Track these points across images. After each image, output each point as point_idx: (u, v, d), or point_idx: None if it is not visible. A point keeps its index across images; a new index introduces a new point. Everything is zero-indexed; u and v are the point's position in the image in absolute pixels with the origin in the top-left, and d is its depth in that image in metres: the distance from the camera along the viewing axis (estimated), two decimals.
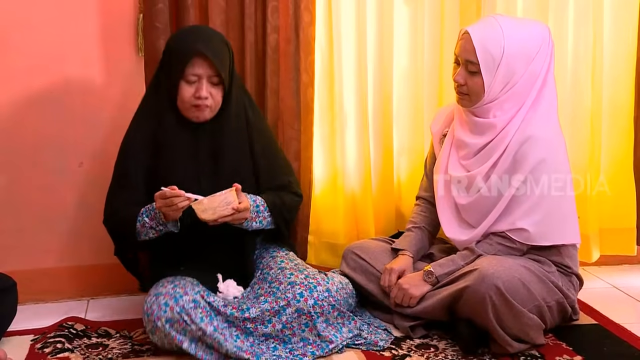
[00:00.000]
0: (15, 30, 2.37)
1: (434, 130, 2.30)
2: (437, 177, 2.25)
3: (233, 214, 1.97)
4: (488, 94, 2.08)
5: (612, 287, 2.59)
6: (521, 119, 2.09)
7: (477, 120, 2.14)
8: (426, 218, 2.32)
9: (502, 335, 1.99)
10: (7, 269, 2.27)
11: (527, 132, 2.07)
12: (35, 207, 2.46)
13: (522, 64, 2.06)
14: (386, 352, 2.07)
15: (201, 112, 2.06)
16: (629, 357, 2.04)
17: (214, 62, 2.01)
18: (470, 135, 2.16)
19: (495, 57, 2.04)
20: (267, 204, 2.10)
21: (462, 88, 2.12)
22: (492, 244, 2.13)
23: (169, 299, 1.95)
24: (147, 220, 2.03)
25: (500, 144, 2.10)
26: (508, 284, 1.96)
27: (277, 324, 2.01)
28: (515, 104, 2.10)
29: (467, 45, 2.07)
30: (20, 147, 2.42)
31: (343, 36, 2.53)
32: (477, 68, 2.06)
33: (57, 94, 2.42)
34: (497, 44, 2.04)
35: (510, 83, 2.08)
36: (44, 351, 2.09)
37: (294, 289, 2.02)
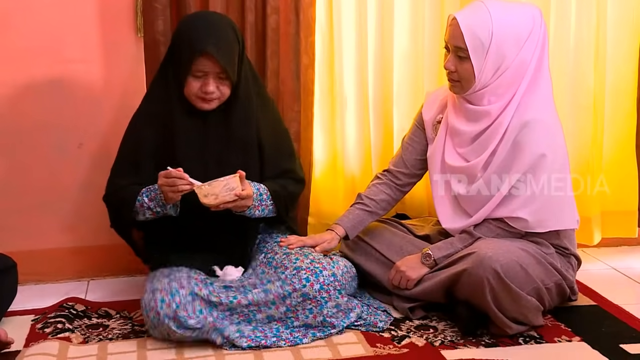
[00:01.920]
0: (15, 13, 2.35)
1: (427, 117, 2.26)
2: (432, 166, 2.22)
3: (235, 201, 1.97)
4: (479, 80, 2.05)
5: (611, 269, 2.59)
6: (516, 104, 2.06)
7: (471, 108, 2.11)
8: (381, 200, 2.27)
9: (500, 317, 1.99)
10: (8, 249, 2.26)
11: (525, 117, 2.04)
12: (35, 188, 2.45)
13: (512, 48, 2.03)
14: (385, 333, 2.07)
15: (208, 103, 2.05)
16: (628, 337, 2.04)
17: (220, 61, 1.99)
18: (465, 122, 2.13)
19: (484, 41, 2.01)
20: (270, 192, 2.09)
21: (452, 75, 2.08)
22: (491, 227, 2.12)
23: (165, 295, 1.95)
24: (146, 200, 2.03)
25: (497, 131, 2.07)
26: (506, 267, 1.96)
27: (280, 307, 2.00)
28: (510, 90, 2.06)
29: (455, 31, 2.04)
30: (20, 128, 2.42)
31: (343, 17, 2.51)
32: (467, 54, 2.03)
33: (56, 76, 2.40)
34: (485, 28, 2.01)
35: (502, 68, 2.04)
36: (44, 331, 2.10)
37: (300, 274, 2.01)
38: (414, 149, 2.29)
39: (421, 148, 2.28)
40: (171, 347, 1.99)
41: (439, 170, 2.20)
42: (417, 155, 2.28)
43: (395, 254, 2.23)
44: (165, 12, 2.33)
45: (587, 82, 2.63)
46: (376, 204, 2.27)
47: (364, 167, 2.61)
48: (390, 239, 2.28)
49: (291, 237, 2.20)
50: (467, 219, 2.15)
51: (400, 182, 2.30)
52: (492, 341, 2.02)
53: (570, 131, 2.56)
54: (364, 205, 2.27)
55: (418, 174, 2.31)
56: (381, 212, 2.30)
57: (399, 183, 2.30)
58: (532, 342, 2.02)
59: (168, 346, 1.99)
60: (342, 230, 2.23)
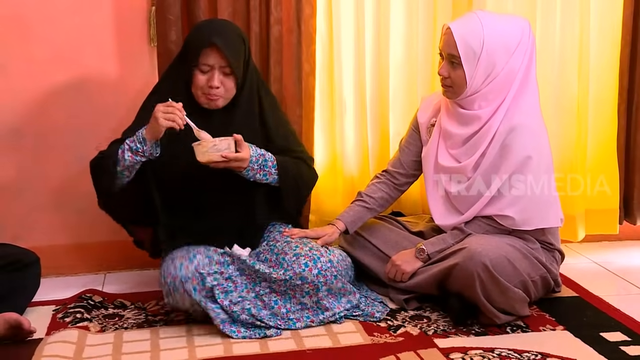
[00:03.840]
0: (35, 24, 2.38)
1: (422, 120, 2.29)
2: (426, 167, 2.25)
3: (225, 161, 1.98)
4: (470, 86, 2.09)
5: (592, 263, 2.62)
6: (505, 110, 2.09)
7: (462, 112, 2.14)
8: (379, 197, 2.30)
9: (489, 308, 2.02)
10: (31, 244, 2.29)
11: (512, 122, 2.08)
12: (56, 188, 2.48)
13: (502, 57, 2.06)
14: (382, 322, 2.10)
15: (213, 101, 2.07)
16: (607, 326, 2.06)
17: (225, 53, 2.02)
18: (456, 126, 2.16)
19: (475, 50, 2.05)
20: (276, 161, 2.10)
21: (446, 80, 2.12)
22: (481, 224, 2.15)
23: (183, 260, 2.00)
24: (127, 142, 1.99)
25: (486, 134, 2.10)
26: (495, 262, 1.99)
27: (281, 285, 2.04)
28: (499, 96, 2.10)
29: (449, 39, 2.08)
30: (41, 131, 2.44)
31: (343, 28, 2.53)
32: (459, 61, 2.06)
33: (74, 82, 2.43)
34: (477, 37, 2.04)
35: (492, 75, 2.08)
36: (64, 320, 2.12)
37: (299, 260, 2.05)
38: (410, 151, 2.32)
39: (417, 150, 2.31)
40: (182, 335, 2.02)
41: (432, 170, 2.23)
42: (413, 156, 2.31)
43: (391, 249, 2.26)
44: (178, 23, 2.36)
45: (571, 89, 2.65)
46: (375, 201, 2.30)
47: (362, 167, 2.64)
48: (387, 234, 2.31)
49: (294, 229, 2.24)
50: (458, 216, 2.18)
51: (398, 181, 2.33)
52: (481, 330, 2.04)
53: (555, 133, 2.58)
54: (364, 202, 2.30)
55: (414, 174, 2.34)
56: (379, 209, 2.33)
57: (396, 183, 2.33)
58: (519, 331, 2.05)
59: (179, 334, 2.02)
60: (342, 224, 2.26)
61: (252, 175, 2.07)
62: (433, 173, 2.23)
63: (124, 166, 2.01)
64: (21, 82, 2.40)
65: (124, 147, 2.00)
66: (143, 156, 2.01)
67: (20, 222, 2.46)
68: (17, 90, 2.41)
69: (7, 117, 2.42)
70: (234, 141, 1.99)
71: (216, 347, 1.95)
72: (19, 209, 2.47)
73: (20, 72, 2.40)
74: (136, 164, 2.02)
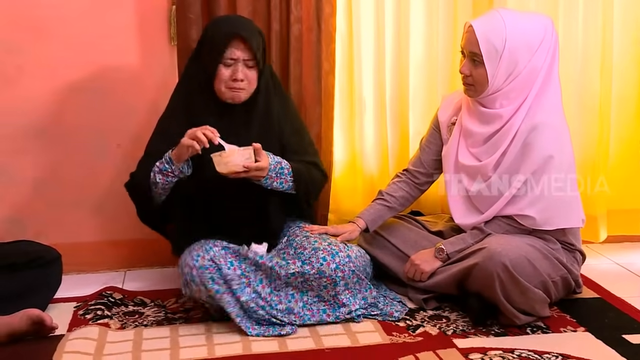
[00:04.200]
0: (57, 24, 2.40)
1: (442, 119, 2.28)
2: (447, 165, 2.24)
3: (245, 171, 1.98)
4: (492, 84, 2.07)
5: (614, 264, 2.59)
6: (527, 108, 2.08)
7: (484, 111, 2.13)
8: (400, 197, 2.31)
9: (509, 308, 2.01)
10: (53, 242, 2.31)
11: (534, 121, 2.06)
12: (78, 186, 2.50)
13: (524, 55, 2.05)
14: (401, 322, 2.09)
15: (237, 94, 2.07)
16: (630, 328, 2.05)
17: (251, 44, 2.03)
18: (478, 124, 2.15)
19: (497, 48, 2.03)
20: (292, 169, 2.10)
21: (467, 79, 2.11)
22: (500, 224, 2.13)
23: (200, 251, 2.01)
24: (157, 165, 2.02)
25: (508, 132, 2.09)
26: (515, 262, 1.97)
27: (298, 278, 2.04)
28: (521, 94, 2.08)
29: (471, 37, 2.07)
30: (63, 130, 2.46)
31: (362, 27, 2.53)
32: (481, 59, 2.05)
33: (96, 82, 2.45)
34: (500, 35, 2.03)
35: (514, 73, 2.06)
36: (85, 317, 2.14)
37: (318, 254, 2.05)
38: (430, 150, 2.31)
39: (437, 149, 2.30)
40: (201, 333, 2.02)
41: (452, 169, 2.22)
42: (434, 155, 2.30)
43: (410, 248, 2.25)
44: (198, 22, 2.36)
45: (593, 86, 2.63)
46: (395, 200, 2.30)
47: (382, 166, 2.63)
48: (406, 234, 2.31)
49: (314, 225, 2.24)
50: (478, 215, 2.17)
51: (419, 180, 2.32)
52: (501, 331, 2.03)
53: (576, 132, 2.56)
54: (384, 201, 2.30)
55: (435, 174, 2.33)
56: (400, 208, 2.32)
57: (417, 182, 2.32)
58: (539, 332, 2.03)
59: (198, 332, 2.03)
60: (363, 222, 2.26)
61: (269, 184, 2.07)
62: (453, 172, 2.22)
63: (159, 187, 2.04)
64: (42, 81, 2.43)
65: (155, 169, 2.03)
66: (173, 176, 2.03)
67: (41, 220, 2.49)
68: (38, 89, 2.43)
69: (29, 116, 2.44)
70: (253, 150, 1.99)
71: (235, 345, 1.96)
72: (41, 207, 2.49)
73: (41, 72, 2.42)
74: (169, 184, 2.04)
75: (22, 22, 2.38)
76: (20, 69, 2.41)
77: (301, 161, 2.16)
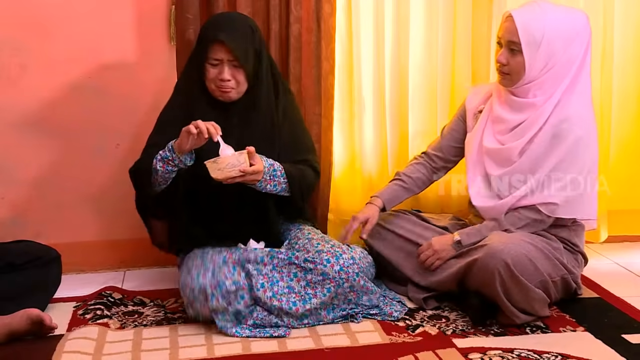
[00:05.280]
0: (56, 23, 2.40)
1: (470, 107, 2.29)
2: (469, 148, 2.24)
3: (243, 176, 1.97)
4: (528, 74, 2.09)
5: (613, 263, 2.59)
6: (558, 99, 2.10)
7: (516, 100, 2.15)
8: (417, 178, 2.33)
9: (509, 307, 2.01)
10: (52, 241, 2.31)
11: (565, 113, 2.08)
12: (77, 186, 2.50)
13: (561, 46, 2.07)
14: (400, 322, 2.09)
15: (226, 93, 2.08)
16: (629, 328, 2.05)
17: (231, 48, 2.03)
18: (509, 111, 2.16)
19: (536, 37, 2.06)
20: (284, 170, 2.09)
21: (504, 68, 2.12)
22: (521, 217, 2.12)
23: (199, 269, 2.00)
24: (160, 153, 2.01)
25: (536, 121, 2.10)
26: (516, 260, 1.97)
27: (301, 280, 2.04)
28: (553, 85, 2.10)
29: (510, 26, 2.08)
30: (62, 129, 2.46)
31: (362, 27, 2.53)
32: (519, 47, 2.07)
33: (95, 81, 2.45)
34: (539, 25, 2.06)
35: (550, 64, 2.08)
36: (85, 317, 2.14)
37: (321, 256, 2.05)
38: (451, 137, 2.33)
39: (458, 137, 2.32)
40: (201, 333, 2.02)
41: (475, 151, 2.22)
42: (454, 143, 2.33)
43: (418, 238, 2.25)
44: (196, 22, 2.36)
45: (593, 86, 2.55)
46: (413, 182, 2.32)
47: (381, 167, 2.63)
48: (411, 226, 2.31)
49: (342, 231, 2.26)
50: (497, 200, 2.16)
51: (436, 165, 2.34)
52: (501, 330, 2.03)
53: None
54: (402, 181, 2.32)
55: (452, 160, 2.35)
56: (416, 189, 2.34)
57: (434, 166, 2.34)
58: (539, 331, 2.03)
59: (198, 332, 2.02)
60: (380, 202, 2.28)
61: (263, 187, 2.06)
62: (476, 154, 2.22)
63: (159, 175, 2.03)
64: (42, 80, 2.43)
65: (157, 157, 2.02)
66: (174, 165, 2.01)
67: (41, 220, 2.49)
68: (39, 88, 2.43)
69: (29, 115, 2.44)
70: (247, 154, 1.98)
71: (235, 345, 1.96)
72: (40, 207, 2.49)
73: (42, 71, 2.42)
74: (169, 173, 2.03)
75: (26, 21, 2.38)
76: (24, 68, 2.41)
77: (295, 160, 2.16)
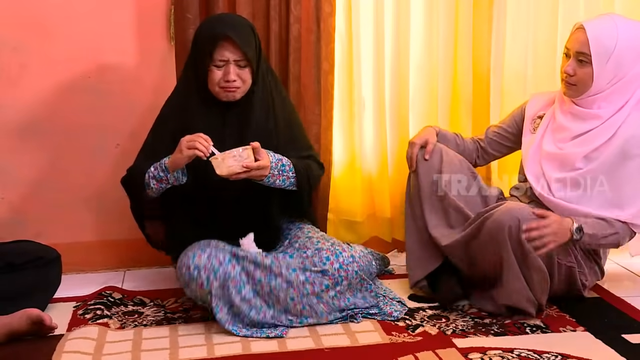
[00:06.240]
0: (56, 23, 2.40)
1: (530, 113, 2.30)
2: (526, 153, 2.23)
3: (248, 172, 1.97)
4: (595, 85, 2.09)
5: (614, 264, 2.58)
6: (627, 113, 2.09)
7: (580, 110, 2.15)
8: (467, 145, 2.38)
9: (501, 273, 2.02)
10: (52, 241, 2.31)
11: (636, 129, 2.07)
12: (77, 186, 2.50)
13: (631, 60, 2.08)
14: (400, 322, 2.09)
15: (232, 93, 2.07)
16: (629, 328, 2.05)
17: (239, 45, 2.02)
18: (571, 120, 2.16)
19: (607, 49, 2.06)
20: (293, 165, 2.09)
21: (570, 79, 2.12)
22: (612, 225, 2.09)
23: (196, 250, 2.00)
24: (152, 170, 2.03)
25: (605, 131, 2.10)
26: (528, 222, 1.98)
27: (300, 275, 2.03)
28: (620, 99, 2.10)
29: (581, 37, 2.09)
30: (62, 129, 2.46)
31: (362, 27, 2.53)
32: (589, 59, 2.07)
33: (95, 81, 2.45)
34: (611, 37, 2.06)
35: (617, 77, 2.09)
36: (85, 317, 2.14)
37: (321, 254, 2.05)
38: (499, 133, 2.37)
39: (506, 136, 2.36)
40: (201, 333, 2.02)
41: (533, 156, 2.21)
42: (499, 139, 2.38)
43: None
44: (196, 22, 2.35)
45: None
46: (464, 145, 2.38)
47: (381, 167, 2.62)
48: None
49: None
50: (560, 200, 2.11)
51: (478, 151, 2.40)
52: (500, 330, 2.03)
53: None
54: (458, 137, 2.39)
55: (492, 154, 2.40)
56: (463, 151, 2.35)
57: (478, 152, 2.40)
58: (539, 331, 2.03)
59: (198, 332, 2.03)
60: (437, 128, 2.34)
61: (272, 182, 2.06)
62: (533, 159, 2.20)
63: (152, 190, 2.06)
64: (42, 81, 2.43)
65: (149, 173, 2.03)
66: (167, 183, 2.04)
67: (41, 220, 2.49)
68: (38, 89, 2.43)
69: (29, 115, 2.44)
70: (252, 150, 1.97)
71: (234, 345, 1.96)
72: (40, 207, 2.49)
73: (42, 71, 2.42)
74: (162, 190, 2.05)
75: (26, 21, 2.38)
76: (24, 68, 2.41)
77: (299, 156, 2.16)
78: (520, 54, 2.62)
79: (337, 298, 2.07)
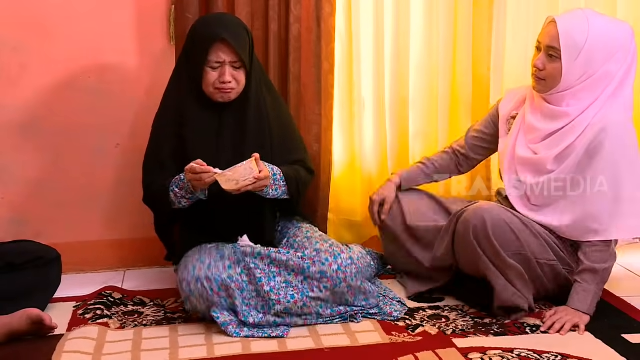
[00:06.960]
0: (56, 23, 2.39)
1: (503, 112, 2.28)
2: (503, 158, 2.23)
3: (255, 183, 1.98)
4: (564, 81, 2.06)
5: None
6: (596, 111, 2.06)
7: (550, 107, 2.12)
8: (440, 166, 2.39)
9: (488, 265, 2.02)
10: (52, 241, 2.31)
11: (602, 125, 2.04)
12: (77, 185, 2.49)
13: (602, 58, 2.04)
14: (400, 322, 2.09)
15: (227, 94, 2.07)
16: (629, 328, 2.04)
17: (234, 46, 2.02)
18: (541, 120, 2.14)
19: (577, 44, 2.02)
20: (283, 174, 2.10)
21: (540, 73, 2.10)
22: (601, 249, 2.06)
23: (195, 262, 2.01)
24: (177, 190, 2.05)
25: (574, 130, 2.07)
26: (495, 221, 2.01)
27: (298, 275, 2.03)
28: (589, 96, 2.07)
29: (552, 31, 2.06)
30: (62, 129, 2.46)
31: (362, 26, 2.53)
32: (558, 54, 2.04)
33: (95, 81, 2.45)
34: (582, 33, 2.03)
35: (587, 74, 2.05)
36: (85, 317, 2.14)
37: (320, 255, 2.05)
38: (477, 136, 2.36)
39: (485, 138, 2.34)
40: (201, 333, 2.02)
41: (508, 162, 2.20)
42: (480, 142, 2.36)
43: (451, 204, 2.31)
44: None
45: None
46: (435, 168, 2.38)
47: (381, 167, 2.62)
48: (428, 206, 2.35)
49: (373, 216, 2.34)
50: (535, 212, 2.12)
51: (458, 159, 2.38)
52: (500, 330, 2.03)
53: None
54: (424, 165, 2.38)
55: (476, 159, 2.39)
56: (435, 176, 2.39)
57: (458, 161, 2.39)
58: (539, 331, 2.03)
59: (198, 332, 2.02)
60: (398, 179, 2.35)
61: (267, 192, 2.07)
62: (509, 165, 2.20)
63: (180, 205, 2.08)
64: (42, 81, 2.42)
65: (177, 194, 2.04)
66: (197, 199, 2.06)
67: (41, 219, 2.49)
68: (38, 88, 2.43)
69: (29, 115, 2.44)
70: (254, 161, 1.98)
71: (234, 345, 1.96)
72: (40, 206, 2.49)
73: (42, 71, 2.42)
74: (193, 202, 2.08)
75: (26, 21, 2.38)
76: (24, 68, 2.41)
77: (290, 160, 2.16)
78: (520, 54, 2.62)
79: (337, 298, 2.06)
